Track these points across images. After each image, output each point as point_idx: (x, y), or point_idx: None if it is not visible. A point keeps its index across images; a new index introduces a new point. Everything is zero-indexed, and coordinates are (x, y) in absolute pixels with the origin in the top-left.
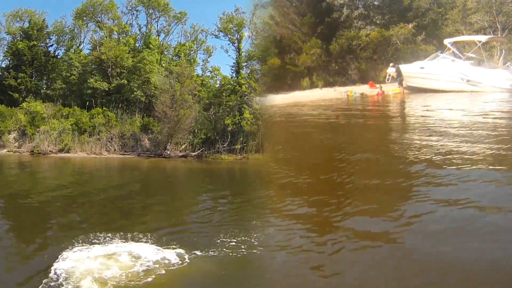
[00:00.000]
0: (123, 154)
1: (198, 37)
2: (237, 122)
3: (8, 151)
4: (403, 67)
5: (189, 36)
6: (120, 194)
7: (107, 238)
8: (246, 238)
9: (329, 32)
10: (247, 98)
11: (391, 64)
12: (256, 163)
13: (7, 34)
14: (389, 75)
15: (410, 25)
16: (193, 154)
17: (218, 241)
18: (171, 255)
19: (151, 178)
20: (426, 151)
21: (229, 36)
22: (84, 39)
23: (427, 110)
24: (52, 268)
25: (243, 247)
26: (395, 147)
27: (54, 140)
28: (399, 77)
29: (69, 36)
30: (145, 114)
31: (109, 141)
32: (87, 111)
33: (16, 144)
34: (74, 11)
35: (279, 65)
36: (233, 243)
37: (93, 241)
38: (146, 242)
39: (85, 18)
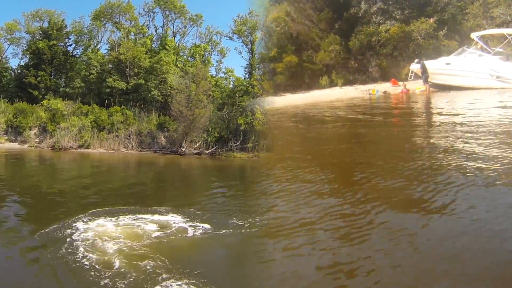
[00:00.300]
0: (140, 151)
1: (213, 38)
2: (249, 122)
3: (30, 146)
4: (427, 64)
5: (204, 37)
6: (137, 181)
7: (124, 211)
8: (256, 219)
9: (348, 28)
10: (259, 99)
11: (415, 61)
12: (267, 161)
13: (27, 33)
14: (412, 72)
15: (432, 20)
16: (207, 151)
17: (233, 220)
18: (188, 225)
19: (167, 171)
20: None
21: (243, 38)
22: (101, 39)
23: (466, 109)
24: (74, 232)
25: (256, 225)
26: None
27: (74, 137)
28: (424, 74)
29: (87, 36)
30: (161, 113)
31: (127, 138)
32: (106, 109)
33: (37, 139)
34: (92, 12)
35: (296, 62)
36: (246, 222)
37: (113, 213)
38: (164, 214)
39: (102, 19)
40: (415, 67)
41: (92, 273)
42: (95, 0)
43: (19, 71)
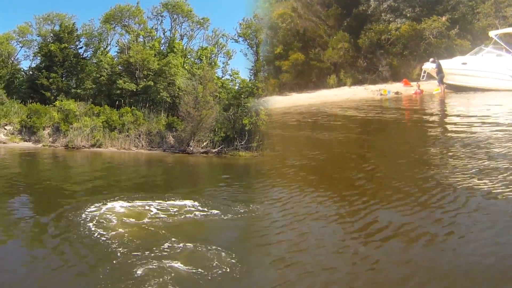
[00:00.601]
0: (150, 150)
1: (219, 41)
2: (254, 122)
3: (44, 145)
4: (442, 63)
5: (210, 40)
6: (148, 175)
7: (136, 197)
8: (260, 207)
9: (357, 25)
10: (263, 100)
11: (430, 60)
12: (271, 160)
13: (38, 36)
14: (424, 72)
15: (444, 18)
16: (214, 150)
17: (239, 208)
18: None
19: (176, 168)
20: None
21: (248, 41)
22: (111, 41)
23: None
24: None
25: (261, 212)
26: None
27: (87, 136)
28: (439, 74)
29: (97, 39)
30: (169, 114)
31: (137, 138)
32: (117, 110)
33: (50, 139)
34: (103, 16)
35: (303, 60)
36: (251, 209)
37: (126, 199)
38: (175, 200)
39: (112, 22)
40: (429, 66)
41: (105, 245)
42: (104, 3)
43: (31, 72)
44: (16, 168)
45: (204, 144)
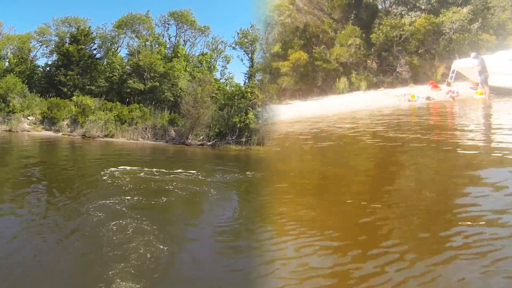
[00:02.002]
0: (155, 141)
1: (218, 47)
2: (243, 121)
3: (63, 135)
4: (471, 61)
5: (210, 45)
6: (153, 158)
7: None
8: (246, 178)
9: (368, 16)
10: (252, 102)
11: (472, 55)
12: (257, 152)
13: (56, 36)
14: (453, 72)
15: (465, 10)
16: (208, 143)
17: (229, 179)
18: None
19: (176, 155)
20: None
21: (244, 49)
22: (121, 43)
23: None
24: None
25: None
26: None
27: (101, 127)
28: (483, 74)
29: (109, 41)
30: (172, 111)
31: (144, 130)
32: (126, 106)
33: (69, 129)
34: (116, 21)
35: (306, 61)
36: (240, 181)
37: (134, 168)
38: (175, 170)
39: (124, 27)
40: (463, 64)
41: (116, 195)
42: (116, 8)
43: (48, 69)
44: (44, 150)
45: (201, 137)
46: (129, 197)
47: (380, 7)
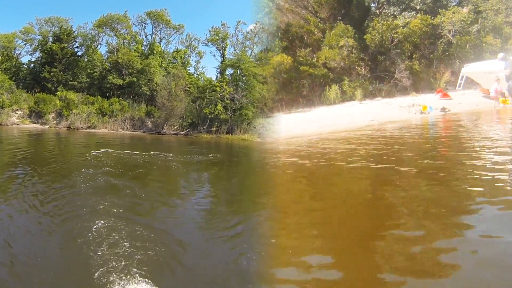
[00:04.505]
0: (133, 131)
1: (192, 43)
2: (213, 112)
3: (50, 127)
4: (490, 64)
5: (184, 42)
6: (132, 143)
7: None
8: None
9: (360, 16)
10: (220, 95)
11: (499, 56)
12: (226, 140)
13: (39, 35)
14: (462, 78)
15: (465, 9)
16: (182, 132)
17: (202, 159)
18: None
19: (153, 143)
20: None
21: (216, 45)
22: (101, 41)
23: None
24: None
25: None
26: None
27: (84, 120)
28: (511, 80)
29: (90, 40)
30: (148, 104)
31: (123, 122)
32: (107, 100)
33: (54, 122)
34: (96, 21)
35: (290, 65)
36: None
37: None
38: (154, 153)
39: (104, 26)
40: (477, 68)
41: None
42: (95, 8)
43: (32, 66)
44: (33, 140)
45: (175, 127)
46: (113, 170)
47: (371, 6)
